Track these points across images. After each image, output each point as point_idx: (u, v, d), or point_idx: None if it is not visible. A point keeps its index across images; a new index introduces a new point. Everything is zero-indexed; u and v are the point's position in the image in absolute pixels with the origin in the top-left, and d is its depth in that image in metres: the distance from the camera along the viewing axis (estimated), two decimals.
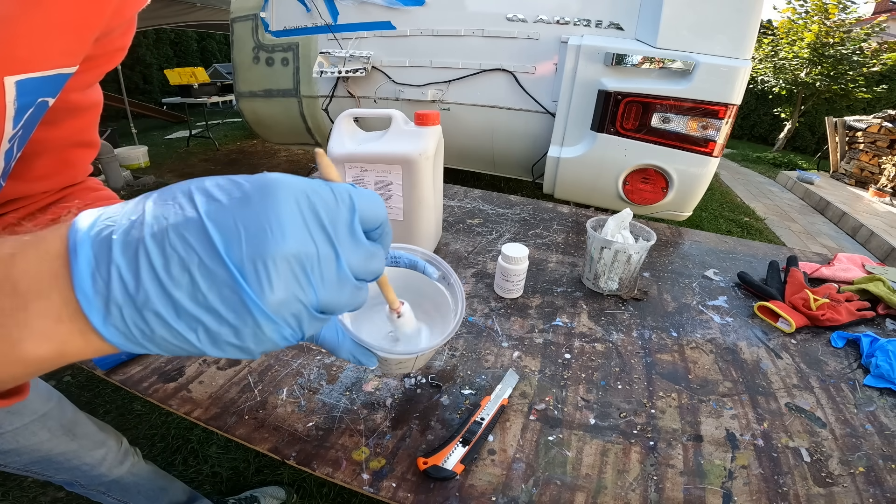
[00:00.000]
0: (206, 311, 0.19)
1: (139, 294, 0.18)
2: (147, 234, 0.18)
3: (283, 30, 2.09)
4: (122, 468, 0.77)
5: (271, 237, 0.19)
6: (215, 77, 5.88)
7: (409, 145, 0.75)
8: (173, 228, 0.18)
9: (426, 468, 0.44)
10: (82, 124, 0.40)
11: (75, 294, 0.18)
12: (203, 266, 0.18)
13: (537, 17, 1.63)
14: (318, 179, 0.23)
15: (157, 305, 0.18)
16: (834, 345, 0.70)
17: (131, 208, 0.19)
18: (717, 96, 1.39)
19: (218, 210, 0.19)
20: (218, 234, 0.18)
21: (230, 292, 0.19)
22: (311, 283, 0.20)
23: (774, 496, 0.46)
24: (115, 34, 0.35)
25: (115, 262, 0.18)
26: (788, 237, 3.40)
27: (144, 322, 0.18)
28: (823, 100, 6.78)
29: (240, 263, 0.18)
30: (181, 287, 0.18)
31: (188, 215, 0.18)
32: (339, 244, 0.21)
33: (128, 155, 3.83)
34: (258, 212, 0.19)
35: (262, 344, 0.20)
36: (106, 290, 0.18)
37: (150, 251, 0.18)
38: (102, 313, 0.18)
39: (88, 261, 0.18)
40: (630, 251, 0.74)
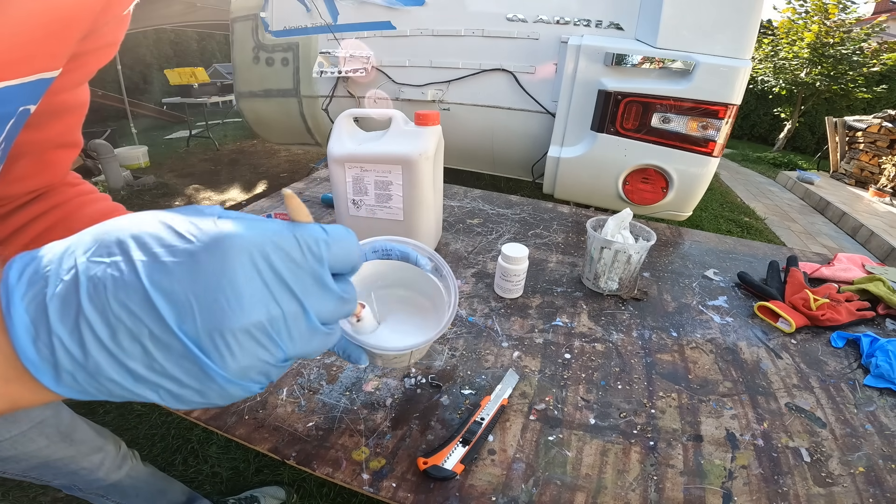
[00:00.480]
0: (166, 378, 0.18)
1: (88, 363, 0.17)
2: (84, 300, 0.16)
3: (283, 30, 2.09)
4: (120, 472, 0.76)
5: (228, 309, 0.17)
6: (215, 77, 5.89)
7: (409, 145, 0.75)
8: (114, 296, 0.16)
9: (426, 468, 0.44)
10: (67, 126, 0.38)
11: (20, 359, 0.16)
12: (155, 338, 0.17)
13: (537, 17, 1.63)
14: (285, 224, 0.21)
15: (111, 373, 0.17)
16: (834, 345, 0.70)
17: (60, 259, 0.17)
18: (717, 96, 1.39)
19: (163, 276, 0.17)
20: (167, 306, 0.17)
21: (189, 363, 0.17)
22: (279, 345, 0.19)
23: (774, 496, 0.46)
24: (105, 30, 0.33)
25: (56, 332, 0.16)
26: (788, 237, 3.40)
27: (100, 384, 0.17)
28: (823, 100, 6.78)
29: (195, 337, 0.17)
30: (134, 357, 0.17)
31: (128, 281, 0.17)
32: (307, 299, 0.20)
33: (128, 155, 3.83)
34: (210, 280, 0.17)
35: (228, 399, 0.19)
36: (52, 357, 0.16)
37: (91, 322, 0.16)
38: (53, 377, 0.17)
39: (26, 327, 0.16)
40: (630, 251, 0.74)
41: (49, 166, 0.40)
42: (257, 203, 1.13)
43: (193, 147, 4.84)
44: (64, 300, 0.16)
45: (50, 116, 0.35)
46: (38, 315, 0.16)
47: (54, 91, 0.32)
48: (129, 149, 3.93)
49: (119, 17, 0.34)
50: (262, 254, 0.19)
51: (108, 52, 0.36)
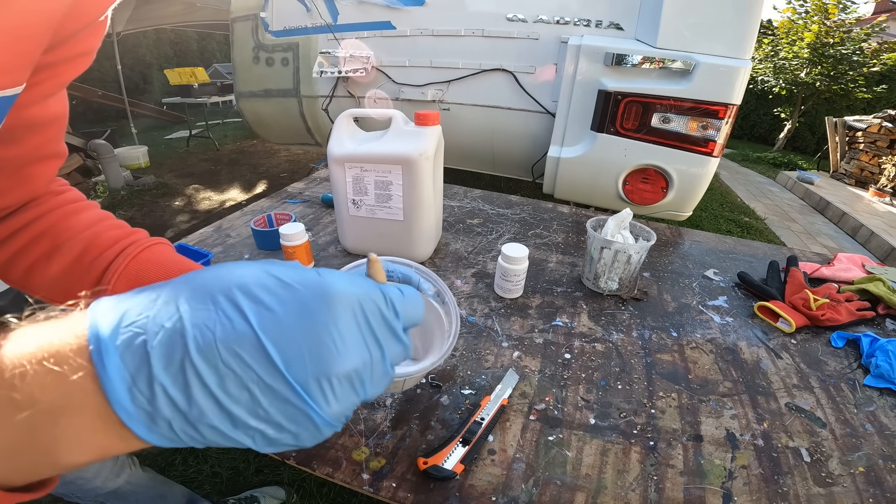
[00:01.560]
0: (267, 424, 0.18)
1: (192, 410, 0.17)
2: (192, 348, 0.16)
3: (283, 30, 2.08)
4: (118, 480, 0.76)
5: (336, 355, 0.18)
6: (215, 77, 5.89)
7: (409, 145, 0.75)
8: (224, 344, 0.17)
9: (426, 468, 0.44)
10: (45, 138, 0.36)
11: (112, 408, 0.16)
12: (264, 385, 0.17)
13: (537, 17, 1.63)
14: (372, 282, 0.23)
15: (213, 420, 0.17)
16: (834, 345, 0.70)
17: (161, 310, 0.17)
18: (717, 96, 1.39)
19: (273, 324, 0.17)
20: (278, 352, 0.17)
21: (293, 408, 0.18)
22: (364, 387, 0.20)
23: (774, 496, 0.46)
24: (77, 38, 0.31)
25: (158, 379, 0.16)
26: (788, 237, 3.40)
27: (197, 432, 0.17)
28: (823, 100, 6.78)
29: (304, 382, 0.18)
30: (239, 404, 0.17)
31: (239, 329, 0.17)
32: (386, 346, 0.21)
33: (128, 155, 3.83)
34: (320, 327, 0.18)
35: (317, 441, 0.20)
36: (150, 406, 0.16)
37: (199, 369, 0.16)
38: (147, 426, 0.16)
39: (122, 376, 0.16)
40: (630, 251, 0.74)
41: (29, 180, 0.37)
42: (257, 203, 1.13)
43: (193, 147, 4.84)
44: (167, 347, 0.16)
45: (25, 131, 0.33)
46: (136, 364, 0.16)
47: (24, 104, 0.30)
48: (129, 149, 3.93)
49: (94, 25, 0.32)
50: (360, 305, 0.20)
51: (84, 62, 0.34)
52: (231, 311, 0.17)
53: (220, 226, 1.00)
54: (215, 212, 3.10)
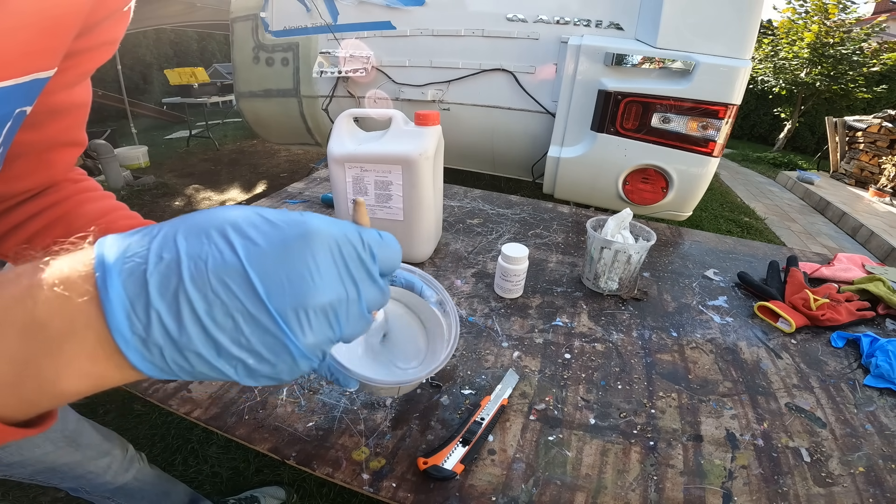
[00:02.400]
0: (249, 353, 0.19)
1: (182, 337, 0.18)
2: (186, 277, 0.18)
3: (283, 30, 2.08)
4: (127, 475, 0.76)
5: (312, 288, 0.20)
6: (215, 77, 5.89)
7: (409, 145, 0.75)
8: (214, 274, 0.18)
9: (426, 468, 0.44)
10: (67, 125, 0.37)
11: (111, 334, 0.17)
12: (247, 313, 0.18)
13: (537, 17, 1.63)
14: (350, 223, 0.23)
15: (200, 347, 0.18)
16: (834, 345, 0.70)
17: (160, 242, 0.18)
18: (717, 96, 1.39)
19: (258, 256, 0.19)
20: (261, 282, 0.18)
21: (272, 337, 0.19)
22: (340, 323, 0.21)
23: (774, 496, 0.45)
24: (102, 27, 0.32)
25: (154, 305, 0.17)
26: (788, 237, 3.40)
27: (185, 360, 0.18)
28: (823, 100, 6.78)
29: (283, 311, 0.19)
30: (225, 331, 0.18)
31: (228, 260, 0.18)
32: (362, 287, 0.22)
33: (128, 155, 3.83)
34: (299, 260, 0.20)
35: (293, 375, 0.21)
36: (145, 332, 0.17)
37: (191, 296, 0.18)
38: (141, 353, 0.18)
39: (122, 302, 0.17)
40: (630, 251, 0.74)
41: (49, 165, 0.39)
42: (257, 203, 1.13)
43: (193, 147, 4.84)
44: (164, 276, 0.18)
45: (48, 116, 0.34)
46: (135, 290, 0.17)
47: (51, 90, 0.31)
48: (129, 149, 3.93)
49: (118, 14, 0.33)
50: (337, 244, 0.21)
51: (107, 51, 0.35)
52: (222, 244, 0.19)
53: None
54: None
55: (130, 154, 3.87)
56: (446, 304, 0.43)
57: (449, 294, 0.77)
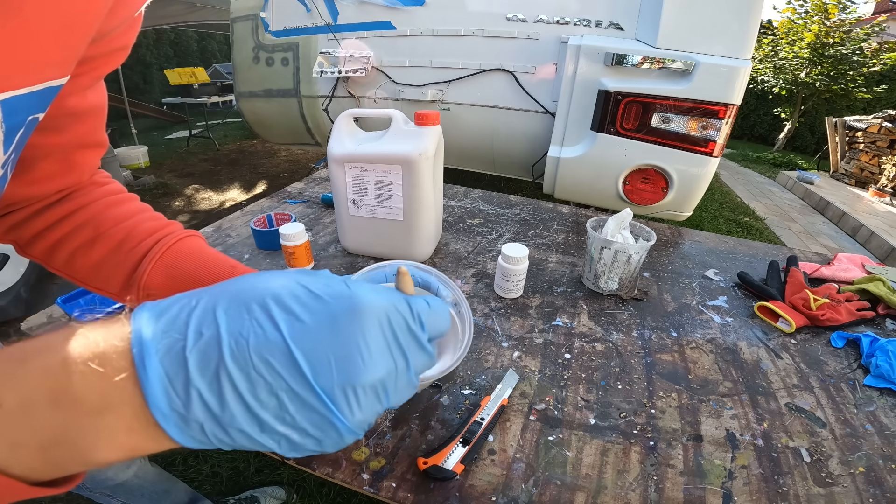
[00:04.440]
0: (293, 429, 0.19)
1: (224, 415, 0.17)
2: (227, 355, 0.17)
3: (283, 30, 2.08)
4: (128, 472, 0.77)
5: (362, 366, 0.19)
6: (215, 77, 5.88)
7: (409, 145, 0.75)
8: (256, 352, 0.18)
9: (426, 468, 0.44)
10: (87, 127, 0.38)
11: (150, 410, 0.17)
12: (292, 392, 0.18)
13: (537, 17, 1.63)
14: (397, 293, 0.23)
15: (243, 425, 0.18)
16: (834, 345, 0.70)
17: (199, 317, 0.18)
18: (717, 96, 1.39)
19: (303, 333, 0.18)
20: (306, 361, 0.18)
21: (318, 416, 0.19)
22: (388, 396, 0.21)
23: (774, 496, 0.45)
24: (114, 34, 0.33)
25: (195, 383, 0.17)
26: (788, 237, 3.39)
27: (227, 435, 0.18)
28: (823, 100, 6.78)
29: (330, 391, 0.19)
30: (268, 409, 0.18)
31: (271, 338, 0.18)
32: (411, 357, 0.22)
33: (128, 155, 3.83)
34: (348, 338, 0.19)
35: (339, 447, 0.21)
36: (185, 409, 0.17)
37: (232, 374, 0.17)
38: (180, 427, 0.17)
39: (160, 378, 0.17)
40: (630, 251, 0.74)
41: (74, 167, 0.40)
42: (257, 203, 1.13)
43: (193, 147, 4.84)
44: (204, 354, 0.17)
45: (67, 120, 0.35)
46: (174, 368, 0.17)
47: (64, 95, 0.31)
48: (129, 149, 3.93)
49: (130, 20, 0.34)
50: (387, 317, 0.21)
51: (119, 56, 0.36)
52: (264, 320, 0.18)
53: (220, 226, 1.00)
54: (215, 212, 3.10)
55: (130, 154, 3.87)
56: (461, 305, 0.43)
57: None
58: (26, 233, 0.40)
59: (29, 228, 0.40)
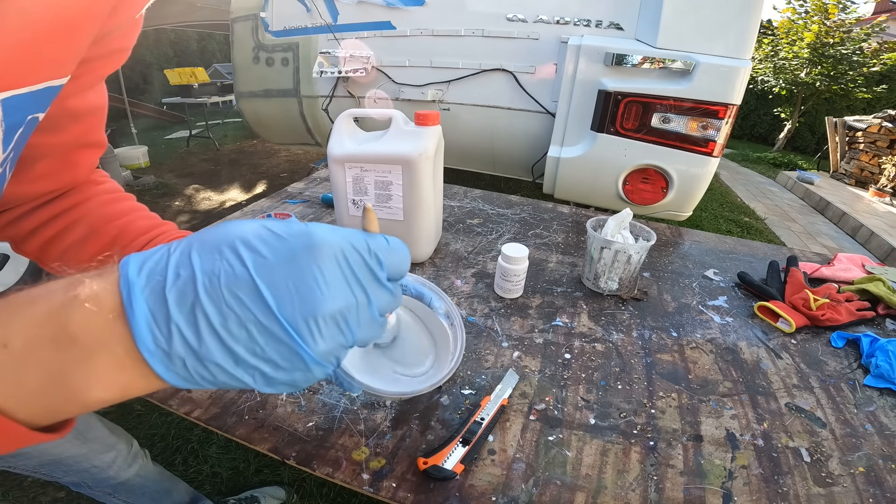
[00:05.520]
0: (264, 361, 0.20)
1: (201, 348, 0.19)
2: (201, 291, 0.19)
3: (283, 30, 2.08)
4: (130, 471, 0.77)
5: (320, 297, 0.20)
6: (215, 77, 5.88)
7: (409, 145, 0.75)
8: (227, 287, 0.19)
9: (426, 468, 0.44)
10: (86, 127, 0.38)
11: (138, 347, 0.18)
12: (259, 323, 0.19)
13: (537, 17, 1.63)
14: (357, 231, 0.24)
15: (218, 358, 0.19)
16: (834, 345, 0.70)
17: (177, 260, 0.20)
18: (717, 96, 1.39)
19: (266, 267, 0.20)
20: (270, 293, 0.19)
21: (284, 346, 0.20)
22: (351, 329, 0.22)
23: (774, 496, 0.45)
24: (114, 35, 0.33)
25: (174, 319, 0.18)
26: (788, 237, 3.40)
27: (206, 370, 0.19)
28: (823, 100, 6.78)
29: (293, 321, 0.20)
30: (240, 341, 0.19)
31: (238, 273, 0.19)
32: (371, 292, 0.23)
33: (128, 155, 3.83)
34: (305, 271, 0.20)
35: (309, 381, 0.22)
36: (167, 344, 0.18)
37: (206, 309, 0.19)
38: (165, 363, 0.19)
39: (146, 317, 0.18)
40: (630, 251, 0.74)
41: (72, 166, 0.40)
42: (257, 203, 1.13)
43: (193, 147, 4.84)
44: (182, 291, 0.19)
45: (67, 120, 0.35)
46: (156, 305, 0.18)
47: (65, 95, 0.31)
48: (129, 149, 3.93)
49: (130, 22, 0.34)
50: (343, 253, 0.22)
51: (120, 57, 0.36)
52: (233, 258, 0.20)
53: None
54: (215, 212, 3.10)
55: (130, 154, 3.87)
56: (454, 317, 0.43)
57: (449, 294, 0.78)
58: (22, 229, 0.40)
59: (24, 225, 0.40)
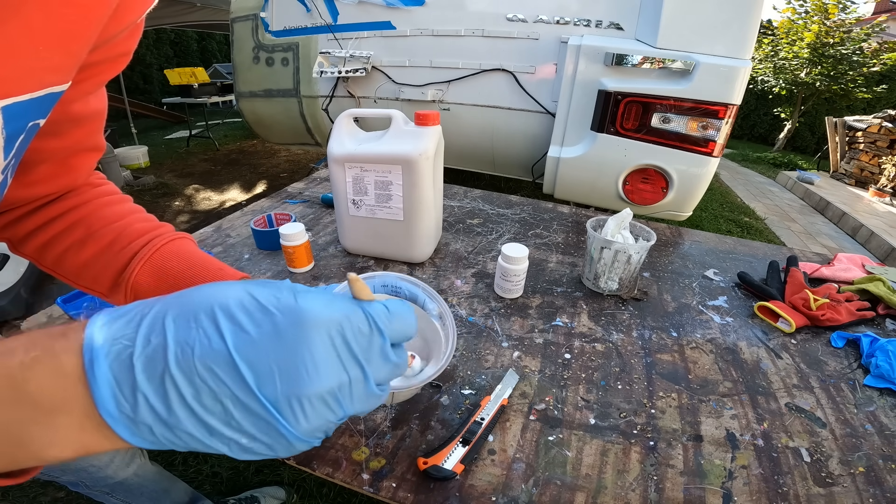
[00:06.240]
0: (240, 434, 0.19)
1: (170, 418, 0.18)
2: (172, 362, 0.18)
3: (283, 30, 2.08)
4: (128, 470, 0.76)
5: (307, 378, 0.19)
6: (215, 77, 5.88)
7: (409, 145, 0.75)
8: (201, 360, 0.18)
9: (426, 468, 0.44)
10: (86, 132, 0.38)
11: (99, 412, 0.18)
12: (236, 399, 0.18)
13: (537, 17, 1.63)
14: (354, 302, 0.23)
15: (190, 428, 0.18)
16: (834, 345, 0.70)
17: (149, 325, 0.19)
18: (717, 96, 1.39)
19: (248, 345, 0.19)
20: (250, 372, 0.18)
21: (264, 423, 0.19)
22: (342, 407, 0.21)
23: (774, 496, 0.46)
24: (116, 40, 0.33)
25: (141, 388, 0.18)
26: (788, 237, 3.39)
27: (175, 436, 0.19)
28: (823, 100, 6.78)
29: (275, 400, 0.19)
30: (214, 414, 0.18)
31: (215, 347, 0.18)
32: (369, 367, 0.22)
33: (128, 155, 3.83)
34: (291, 351, 0.19)
35: (291, 452, 0.21)
36: (133, 412, 0.18)
37: (177, 381, 0.18)
38: (131, 429, 0.18)
39: (109, 383, 0.18)
40: (630, 251, 0.74)
41: (71, 170, 0.40)
42: (257, 203, 1.13)
43: (193, 147, 4.84)
44: (150, 359, 0.18)
45: (68, 125, 0.35)
46: (122, 373, 0.18)
47: (67, 101, 0.31)
48: (129, 149, 3.93)
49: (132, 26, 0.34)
50: (337, 329, 0.21)
51: (121, 62, 0.36)
52: (211, 330, 0.19)
53: (220, 226, 1.00)
54: (215, 212, 3.10)
55: (130, 154, 3.87)
56: (446, 318, 0.43)
57: (449, 294, 0.78)
58: (19, 231, 0.40)
59: (22, 227, 0.40)
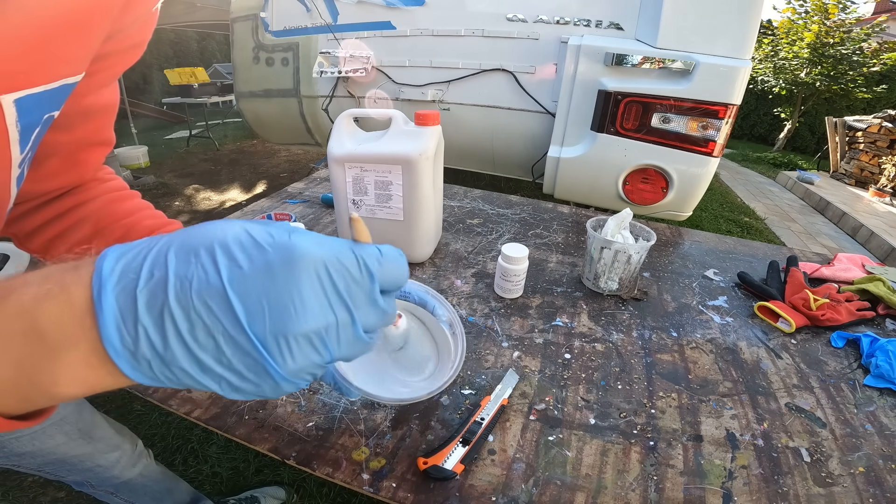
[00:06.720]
0: (230, 371, 0.19)
1: (166, 353, 0.18)
2: (171, 296, 0.18)
3: (283, 30, 2.08)
4: (133, 470, 0.77)
5: (294, 316, 0.19)
6: (215, 77, 5.89)
7: (409, 145, 0.75)
8: (197, 295, 0.18)
9: (426, 468, 0.44)
10: (97, 125, 0.38)
11: (104, 345, 0.18)
12: (227, 335, 0.19)
13: (537, 17, 1.63)
14: (346, 242, 0.23)
15: (184, 364, 0.19)
16: (834, 345, 0.70)
17: (153, 259, 0.19)
18: (717, 96, 1.39)
19: (241, 279, 0.19)
20: (241, 306, 0.19)
21: (252, 360, 0.19)
22: (328, 349, 0.21)
23: (774, 496, 0.45)
24: (129, 31, 0.32)
25: (142, 321, 0.18)
26: (788, 237, 3.39)
27: (171, 373, 0.19)
28: (823, 100, 6.78)
29: (263, 337, 0.19)
30: (207, 350, 0.19)
31: (212, 282, 0.19)
32: (357, 311, 0.21)
33: (128, 155, 3.83)
34: (281, 287, 0.19)
35: (279, 394, 0.22)
36: (134, 345, 0.18)
37: (175, 314, 0.18)
38: (131, 363, 0.18)
39: (114, 315, 0.18)
40: (630, 251, 0.74)
41: (80, 164, 0.40)
42: (257, 203, 1.13)
43: (193, 147, 4.84)
44: (152, 293, 0.18)
45: (79, 118, 0.35)
46: (126, 305, 0.18)
47: (80, 94, 0.31)
48: (129, 149, 3.93)
49: (145, 16, 0.33)
50: (326, 268, 0.20)
51: (135, 53, 0.36)
52: (208, 264, 0.19)
53: None
54: (215, 212, 3.10)
55: (130, 154, 3.87)
56: (456, 326, 0.43)
57: (449, 294, 0.78)
58: (26, 226, 0.40)
59: (29, 222, 0.40)
